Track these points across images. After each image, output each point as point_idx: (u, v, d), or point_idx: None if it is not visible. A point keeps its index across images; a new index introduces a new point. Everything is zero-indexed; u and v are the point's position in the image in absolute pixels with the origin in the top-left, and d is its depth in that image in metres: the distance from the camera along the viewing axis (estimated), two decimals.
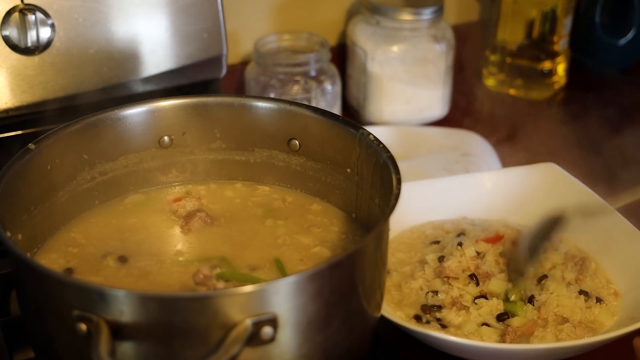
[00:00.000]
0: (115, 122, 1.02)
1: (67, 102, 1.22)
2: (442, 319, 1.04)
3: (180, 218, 1.03)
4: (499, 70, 1.66)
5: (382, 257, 0.91)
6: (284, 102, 1.05)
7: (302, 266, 0.97)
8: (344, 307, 0.85)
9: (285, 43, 1.50)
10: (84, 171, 1.02)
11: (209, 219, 1.02)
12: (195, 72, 1.30)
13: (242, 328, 0.77)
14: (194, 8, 1.26)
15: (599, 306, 1.05)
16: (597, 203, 1.16)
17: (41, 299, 0.83)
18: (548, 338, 1.00)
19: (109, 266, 0.96)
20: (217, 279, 0.90)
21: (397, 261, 1.13)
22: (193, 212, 1.03)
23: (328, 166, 1.04)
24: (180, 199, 1.06)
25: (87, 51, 1.22)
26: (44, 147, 0.96)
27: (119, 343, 0.78)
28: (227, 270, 0.95)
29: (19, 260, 0.83)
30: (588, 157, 1.40)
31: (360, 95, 1.56)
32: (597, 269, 1.11)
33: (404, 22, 1.49)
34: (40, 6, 1.17)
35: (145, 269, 0.95)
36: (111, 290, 0.77)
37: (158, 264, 0.96)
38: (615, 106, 1.69)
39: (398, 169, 0.92)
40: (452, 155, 1.40)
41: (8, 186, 0.90)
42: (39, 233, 0.97)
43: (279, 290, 0.79)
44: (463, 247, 1.09)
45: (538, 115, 1.60)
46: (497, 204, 1.21)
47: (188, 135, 1.07)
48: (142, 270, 0.95)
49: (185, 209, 1.04)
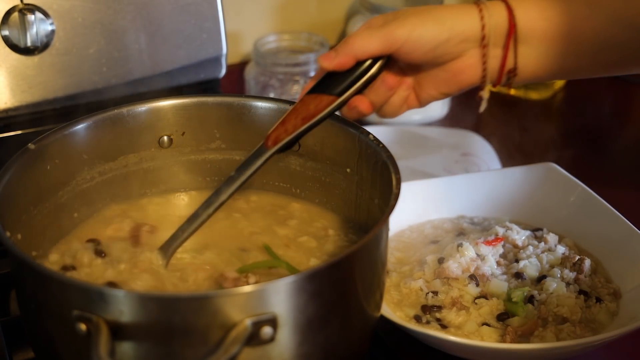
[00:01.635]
0: (115, 122, 1.02)
1: (67, 102, 1.22)
2: (442, 319, 1.04)
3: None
4: None
5: (382, 257, 0.91)
6: (284, 102, 1.05)
7: (289, 252, 0.99)
8: (343, 307, 0.85)
9: (285, 43, 1.50)
10: (83, 171, 1.02)
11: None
12: (195, 72, 1.30)
13: (242, 328, 0.77)
14: (193, 8, 1.26)
15: (599, 306, 1.05)
16: (596, 203, 1.16)
17: (41, 299, 0.83)
18: (548, 338, 1.00)
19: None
20: (243, 275, 0.91)
21: (396, 261, 1.13)
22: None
23: (328, 166, 1.04)
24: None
25: (87, 51, 1.22)
26: (44, 147, 0.96)
27: (118, 343, 0.78)
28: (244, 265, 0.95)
29: (19, 260, 0.83)
30: (588, 157, 1.40)
31: None
32: (597, 269, 1.11)
33: None
34: (40, 6, 1.18)
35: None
36: (111, 290, 0.78)
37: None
38: (615, 106, 1.69)
39: (398, 169, 0.92)
40: (452, 155, 1.40)
41: (8, 186, 0.90)
42: (39, 233, 0.97)
43: (278, 290, 0.79)
44: (463, 249, 1.09)
45: (538, 115, 1.60)
46: (497, 203, 1.21)
47: (188, 135, 1.07)
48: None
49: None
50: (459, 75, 0.98)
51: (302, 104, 0.96)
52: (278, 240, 1.01)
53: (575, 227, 1.16)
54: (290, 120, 0.96)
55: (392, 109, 0.99)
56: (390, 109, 0.99)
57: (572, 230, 1.16)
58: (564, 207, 1.18)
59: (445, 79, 0.98)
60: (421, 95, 1.00)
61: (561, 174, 1.21)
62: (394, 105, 0.99)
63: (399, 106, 1.00)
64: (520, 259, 1.10)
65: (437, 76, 0.98)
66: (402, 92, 0.99)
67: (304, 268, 0.97)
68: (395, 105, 0.99)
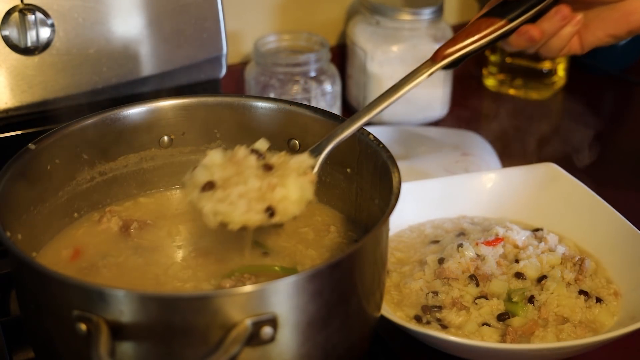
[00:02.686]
0: (115, 122, 1.02)
1: (67, 102, 1.22)
2: (442, 320, 1.04)
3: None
4: (498, 70, 1.66)
5: (382, 257, 0.91)
6: (283, 102, 1.05)
7: (280, 240, 0.99)
8: (343, 307, 0.85)
9: (285, 43, 1.50)
10: (83, 171, 1.02)
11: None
12: (195, 72, 1.30)
13: (242, 328, 0.77)
14: (193, 8, 1.26)
15: (599, 306, 1.05)
16: (596, 203, 1.16)
17: (41, 299, 0.83)
18: (548, 338, 1.00)
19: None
20: (240, 277, 0.92)
21: (396, 261, 1.13)
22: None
23: (328, 166, 1.04)
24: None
25: (86, 51, 1.22)
26: (44, 147, 0.96)
27: (118, 343, 0.78)
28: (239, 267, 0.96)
29: (19, 260, 0.83)
30: (587, 157, 1.40)
31: (360, 95, 1.56)
32: (597, 269, 1.11)
33: (403, 22, 1.49)
34: (40, 6, 1.17)
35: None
36: (111, 290, 0.78)
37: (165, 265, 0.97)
38: (615, 106, 1.69)
39: (398, 169, 0.92)
40: (452, 155, 1.40)
41: (8, 186, 0.90)
42: (39, 233, 0.97)
43: (278, 290, 0.79)
44: (463, 249, 1.09)
45: (538, 115, 1.60)
46: (497, 203, 1.21)
47: (188, 135, 1.07)
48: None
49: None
50: (631, 16, 0.98)
51: (474, 25, 0.98)
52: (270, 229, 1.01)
53: (575, 227, 1.16)
54: (461, 39, 0.98)
55: (559, 43, 1.00)
56: (557, 44, 1.00)
57: (572, 230, 1.16)
58: (564, 207, 1.18)
59: (615, 19, 0.98)
60: (586, 38, 1.00)
61: (561, 174, 1.21)
62: (563, 39, 1.00)
63: (566, 41, 1.00)
64: (521, 259, 1.10)
65: (608, 16, 0.98)
66: (570, 27, 0.99)
67: (300, 258, 0.98)
68: (563, 39, 1.00)
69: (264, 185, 0.88)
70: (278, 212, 0.88)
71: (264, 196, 0.88)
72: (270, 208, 0.88)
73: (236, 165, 0.90)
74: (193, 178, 0.90)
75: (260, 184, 0.88)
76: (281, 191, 0.88)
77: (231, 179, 0.89)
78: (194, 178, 0.90)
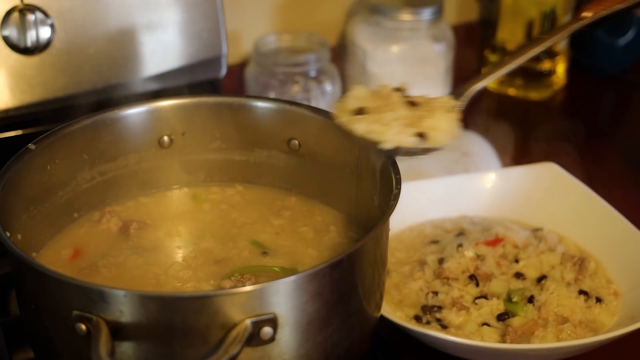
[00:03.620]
0: (115, 122, 1.02)
1: (67, 102, 1.22)
2: (442, 320, 1.04)
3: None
4: None
5: (382, 257, 0.91)
6: (283, 102, 1.05)
7: (278, 239, 0.99)
8: (343, 307, 0.85)
9: (285, 43, 1.50)
10: (83, 171, 1.02)
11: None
12: (195, 72, 1.30)
13: (242, 328, 0.77)
14: (194, 8, 1.26)
15: (599, 306, 1.05)
16: (596, 203, 1.16)
17: (41, 299, 0.83)
18: (548, 338, 1.00)
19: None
20: (240, 278, 0.92)
21: (396, 261, 1.13)
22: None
23: (328, 166, 1.04)
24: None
25: (86, 51, 1.22)
26: (44, 147, 0.96)
27: (118, 343, 0.78)
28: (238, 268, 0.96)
29: (19, 260, 0.83)
30: (588, 157, 1.40)
31: None
32: (597, 269, 1.11)
33: (403, 22, 1.49)
34: (40, 6, 1.17)
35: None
36: (111, 290, 0.77)
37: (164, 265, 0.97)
38: (615, 106, 1.69)
39: (398, 169, 0.92)
40: (452, 155, 1.40)
41: (8, 186, 0.90)
42: (39, 233, 0.97)
43: (278, 290, 0.79)
44: (462, 249, 1.09)
45: (538, 115, 1.60)
46: (497, 203, 1.21)
47: (188, 135, 1.07)
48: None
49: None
50: None
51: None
52: (271, 229, 1.02)
53: (575, 227, 1.16)
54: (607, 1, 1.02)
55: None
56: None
57: (572, 230, 1.16)
58: (564, 207, 1.18)
59: None
60: None
61: (561, 174, 1.21)
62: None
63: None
64: (520, 259, 1.10)
65: None
66: None
67: (300, 257, 0.98)
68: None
69: (414, 115, 0.92)
70: (429, 138, 0.91)
71: (414, 123, 0.92)
72: (421, 134, 0.91)
73: (383, 99, 0.94)
74: (344, 104, 0.94)
75: (411, 114, 0.92)
76: (431, 121, 0.92)
77: (381, 108, 0.93)
78: (345, 104, 0.94)
